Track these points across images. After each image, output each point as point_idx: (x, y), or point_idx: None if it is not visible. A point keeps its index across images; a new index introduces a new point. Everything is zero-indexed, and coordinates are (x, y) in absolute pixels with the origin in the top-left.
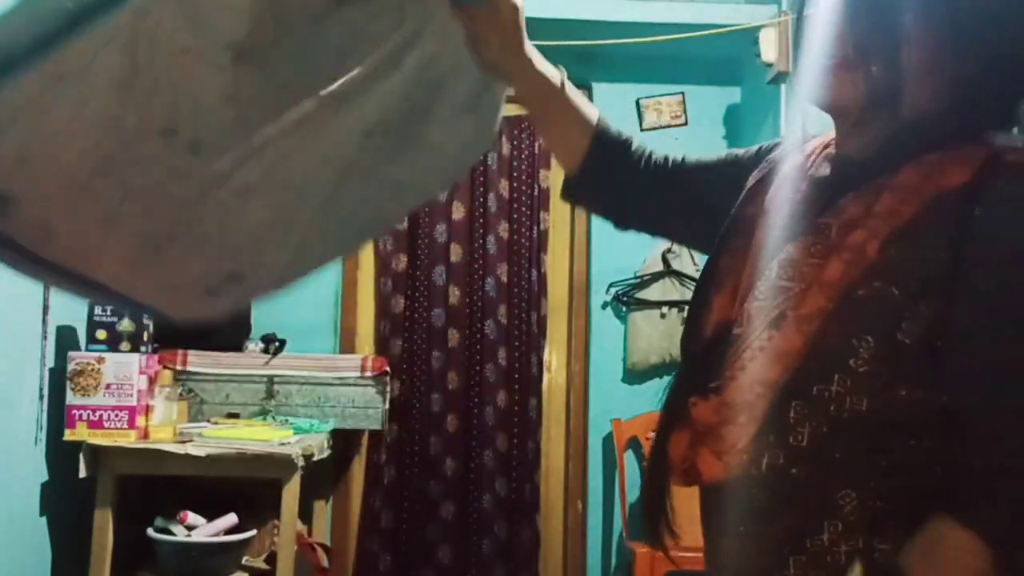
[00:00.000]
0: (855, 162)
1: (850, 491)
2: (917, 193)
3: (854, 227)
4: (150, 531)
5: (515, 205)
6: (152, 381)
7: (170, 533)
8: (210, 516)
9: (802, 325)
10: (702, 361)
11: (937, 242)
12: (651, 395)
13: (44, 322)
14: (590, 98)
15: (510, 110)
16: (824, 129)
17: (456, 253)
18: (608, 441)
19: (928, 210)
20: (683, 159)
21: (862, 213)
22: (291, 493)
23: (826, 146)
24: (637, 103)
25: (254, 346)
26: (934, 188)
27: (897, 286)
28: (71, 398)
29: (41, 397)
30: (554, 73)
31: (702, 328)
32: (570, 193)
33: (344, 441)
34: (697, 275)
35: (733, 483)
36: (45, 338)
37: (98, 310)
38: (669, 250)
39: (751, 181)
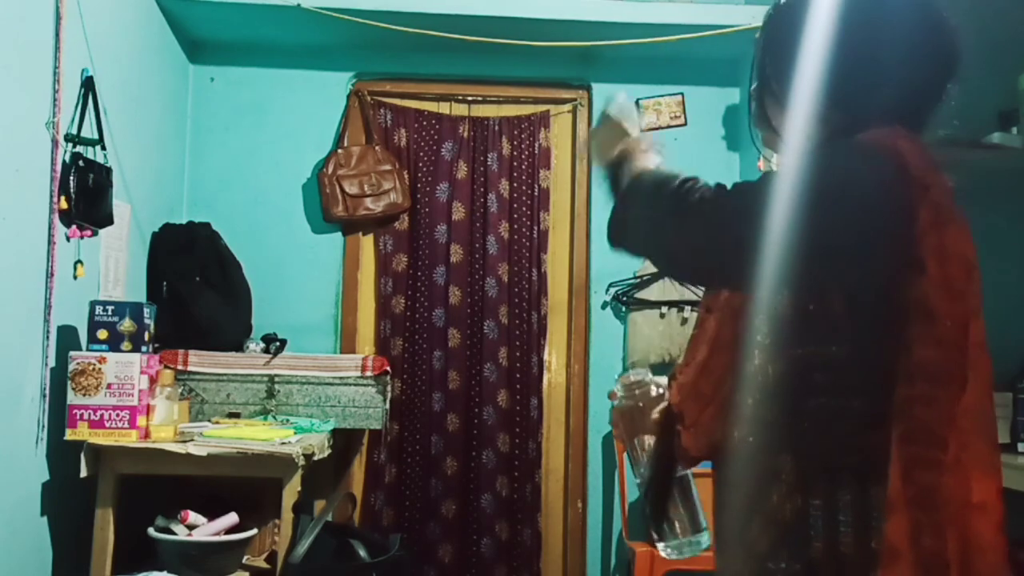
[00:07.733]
0: None
1: (785, 454)
2: None
3: None
4: (151, 530)
5: (515, 205)
6: (153, 381)
7: (171, 532)
8: (211, 515)
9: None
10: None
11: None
12: None
13: (47, 321)
14: (590, 99)
15: (511, 111)
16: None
17: (456, 253)
18: (608, 441)
19: None
20: None
21: None
22: (291, 492)
23: None
24: (637, 103)
25: (255, 346)
26: None
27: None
28: (72, 398)
29: (43, 396)
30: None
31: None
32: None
33: (344, 440)
34: None
35: (716, 459)
36: (48, 338)
37: (99, 310)
38: None
39: None
